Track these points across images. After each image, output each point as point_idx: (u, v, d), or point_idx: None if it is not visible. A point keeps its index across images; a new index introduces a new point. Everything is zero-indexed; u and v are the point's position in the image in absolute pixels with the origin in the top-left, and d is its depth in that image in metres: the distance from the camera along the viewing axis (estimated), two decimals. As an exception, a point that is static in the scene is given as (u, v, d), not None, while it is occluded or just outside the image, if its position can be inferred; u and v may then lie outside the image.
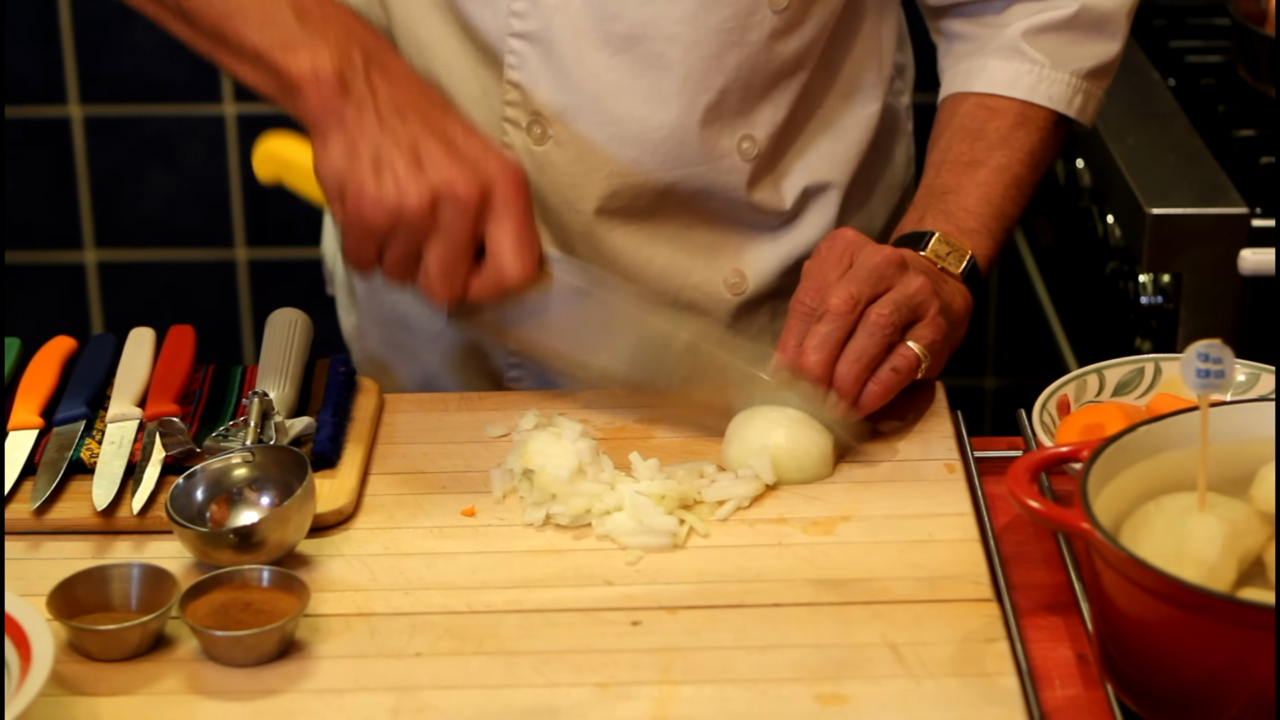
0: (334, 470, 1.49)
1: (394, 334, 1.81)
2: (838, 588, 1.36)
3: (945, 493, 1.46)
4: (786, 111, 1.69)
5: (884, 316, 1.48)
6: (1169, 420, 1.32)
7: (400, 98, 1.46)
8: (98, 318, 3.21)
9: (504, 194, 1.44)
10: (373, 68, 1.46)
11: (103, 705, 1.26)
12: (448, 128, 1.45)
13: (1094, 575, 1.24)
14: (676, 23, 1.62)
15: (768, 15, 1.64)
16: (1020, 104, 1.68)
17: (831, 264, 1.52)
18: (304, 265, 3.19)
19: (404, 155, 1.43)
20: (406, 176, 1.43)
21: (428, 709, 1.25)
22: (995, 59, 1.70)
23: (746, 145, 1.68)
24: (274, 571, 1.33)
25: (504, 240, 1.45)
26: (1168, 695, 1.22)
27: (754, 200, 1.70)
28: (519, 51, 1.64)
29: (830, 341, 1.48)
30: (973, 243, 1.61)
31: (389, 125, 1.44)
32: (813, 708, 1.25)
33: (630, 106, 1.64)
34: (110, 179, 3.12)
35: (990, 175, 1.65)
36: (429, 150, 1.44)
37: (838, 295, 1.48)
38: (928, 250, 1.59)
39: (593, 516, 1.43)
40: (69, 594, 1.32)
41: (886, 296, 1.49)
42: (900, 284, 1.50)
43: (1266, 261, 2.03)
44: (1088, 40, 1.70)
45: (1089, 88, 1.71)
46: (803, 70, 1.69)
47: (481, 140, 1.47)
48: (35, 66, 3.06)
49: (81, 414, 1.54)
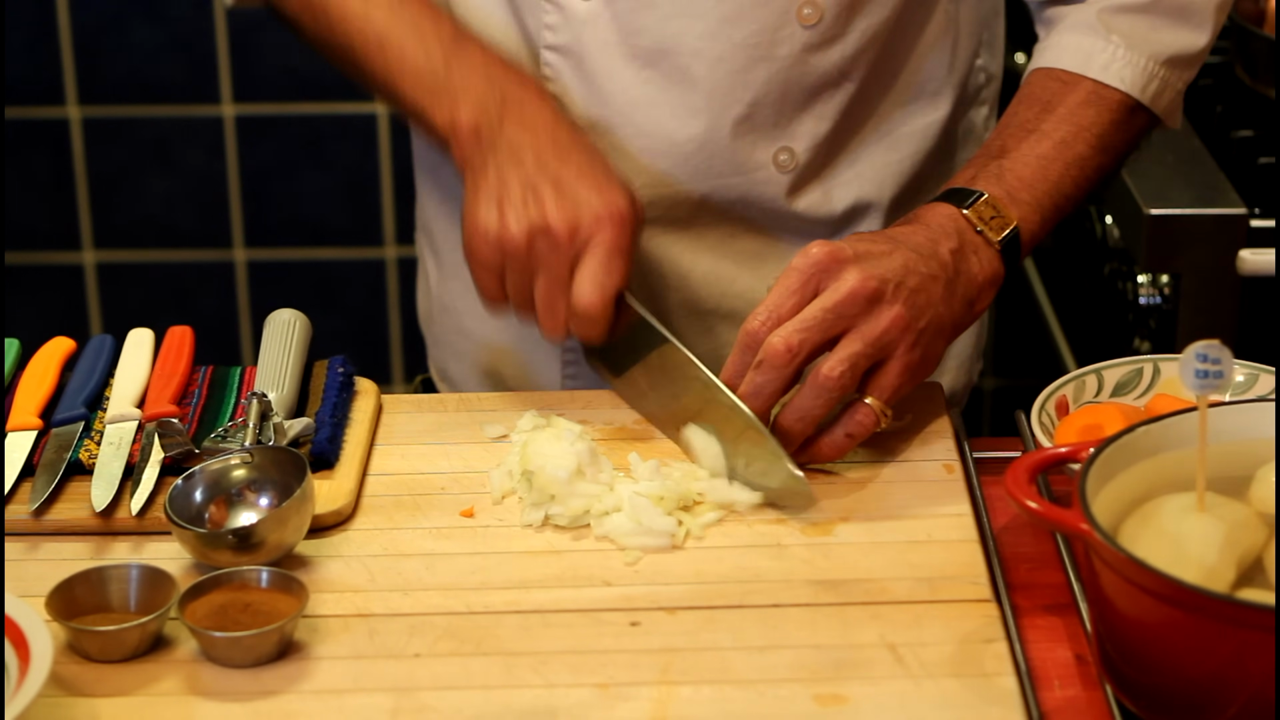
0: (332, 471, 1.49)
1: (459, 320, 1.83)
2: (836, 588, 1.36)
3: (944, 493, 1.46)
4: (832, 122, 1.67)
5: (832, 379, 1.43)
6: (1168, 421, 1.32)
7: (526, 142, 1.54)
8: (96, 319, 3.21)
9: (597, 231, 1.50)
10: (508, 115, 1.55)
11: (101, 706, 1.26)
12: (563, 168, 1.52)
13: (1093, 576, 1.24)
14: (700, 38, 1.62)
15: (797, 29, 1.63)
16: (1092, 82, 1.63)
17: (792, 290, 1.45)
18: (302, 266, 3.19)
19: (516, 195, 1.51)
20: (510, 214, 1.51)
21: (427, 710, 1.25)
22: (1071, 34, 1.65)
23: (784, 158, 1.67)
24: (273, 572, 1.33)
25: (582, 272, 1.50)
26: (1167, 696, 1.22)
27: (797, 210, 1.69)
28: (553, 64, 1.66)
29: (765, 392, 1.45)
30: (1019, 213, 1.56)
31: (509, 169, 1.53)
32: (811, 708, 1.25)
33: (659, 120, 1.65)
34: (109, 180, 3.12)
35: (1051, 149, 1.60)
36: (538, 190, 1.51)
37: (778, 339, 1.43)
38: (971, 210, 1.54)
39: (591, 517, 1.43)
40: (68, 595, 1.32)
41: (841, 347, 1.44)
42: (866, 323, 1.45)
43: (1265, 262, 2.03)
44: (1169, 26, 1.65)
45: (1167, 76, 1.65)
46: (849, 81, 1.67)
47: (597, 179, 1.52)
48: (34, 67, 3.06)
49: (80, 415, 1.54)
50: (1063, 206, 1.60)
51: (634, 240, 1.52)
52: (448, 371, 1.85)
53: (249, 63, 3.07)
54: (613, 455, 1.48)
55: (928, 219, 1.53)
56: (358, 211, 3.15)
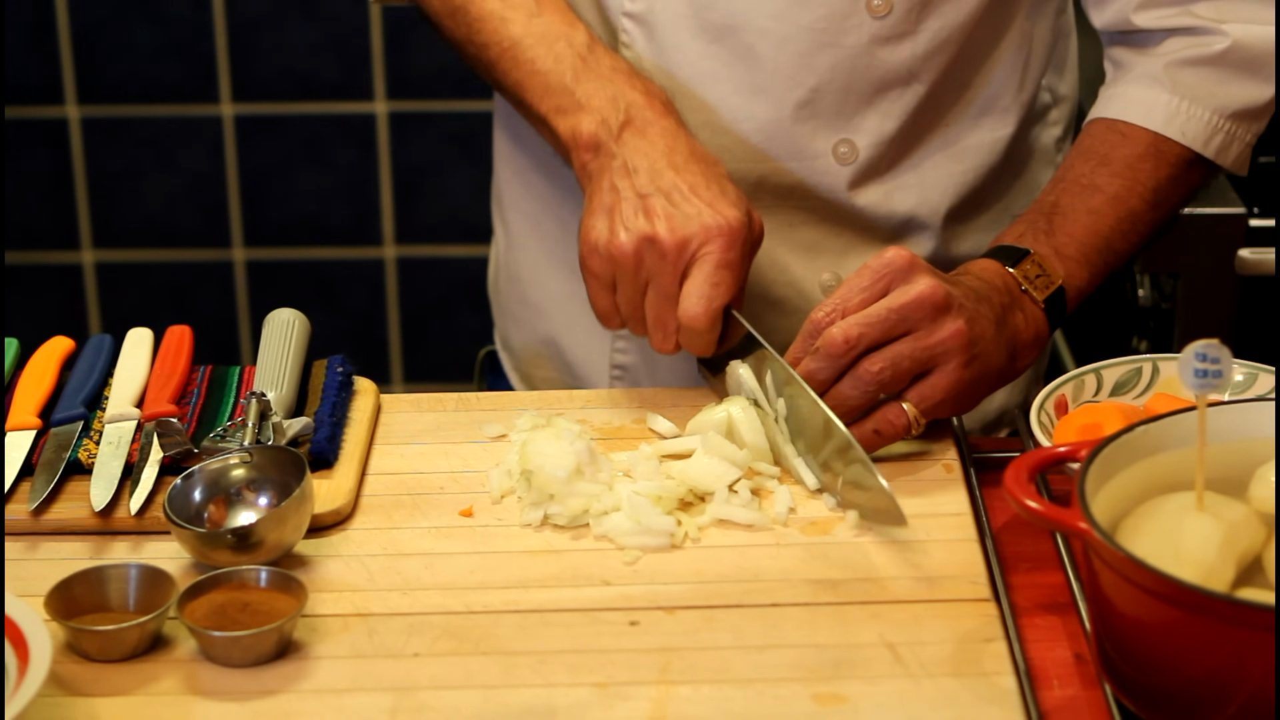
0: (332, 471, 1.49)
1: (524, 290, 1.84)
2: (835, 588, 1.36)
3: (943, 493, 1.46)
4: (898, 123, 1.67)
5: (871, 373, 1.45)
6: (1167, 420, 1.32)
7: (643, 155, 1.55)
8: (95, 318, 3.21)
9: (706, 245, 1.50)
10: (628, 129, 1.56)
11: (101, 706, 1.26)
12: (677, 181, 1.53)
13: (1092, 575, 1.24)
14: (768, 17, 1.63)
15: (865, 19, 1.63)
16: (1152, 135, 1.63)
17: (861, 287, 1.47)
18: (301, 266, 3.19)
19: (627, 207, 1.52)
20: (620, 227, 1.52)
21: (426, 709, 1.25)
22: (1136, 86, 1.65)
23: (844, 150, 1.67)
24: (272, 572, 1.33)
25: (689, 285, 1.51)
26: (1166, 695, 1.22)
27: (857, 205, 1.69)
28: (630, 31, 1.68)
29: (815, 379, 1.46)
30: (1066, 269, 1.56)
31: (623, 182, 1.54)
32: (811, 708, 1.25)
33: (721, 95, 1.66)
34: (108, 180, 3.12)
35: (1104, 204, 1.60)
36: (649, 202, 1.52)
37: (837, 331, 1.46)
38: (1017, 269, 1.54)
39: (590, 517, 1.43)
40: (67, 594, 1.32)
41: (892, 347, 1.45)
42: (923, 331, 1.46)
43: (1264, 261, 2.03)
44: (1237, 80, 1.64)
45: (1233, 129, 1.64)
46: (918, 83, 1.66)
47: (711, 193, 1.52)
48: (33, 67, 3.06)
49: (79, 414, 1.54)
50: (1112, 262, 1.60)
51: (745, 256, 1.52)
52: (510, 340, 1.87)
53: (248, 63, 3.07)
54: (612, 455, 1.48)
55: (976, 272, 1.54)
56: (357, 211, 3.15)
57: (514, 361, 1.87)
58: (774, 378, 1.49)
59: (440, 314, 3.22)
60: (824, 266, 1.72)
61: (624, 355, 1.77)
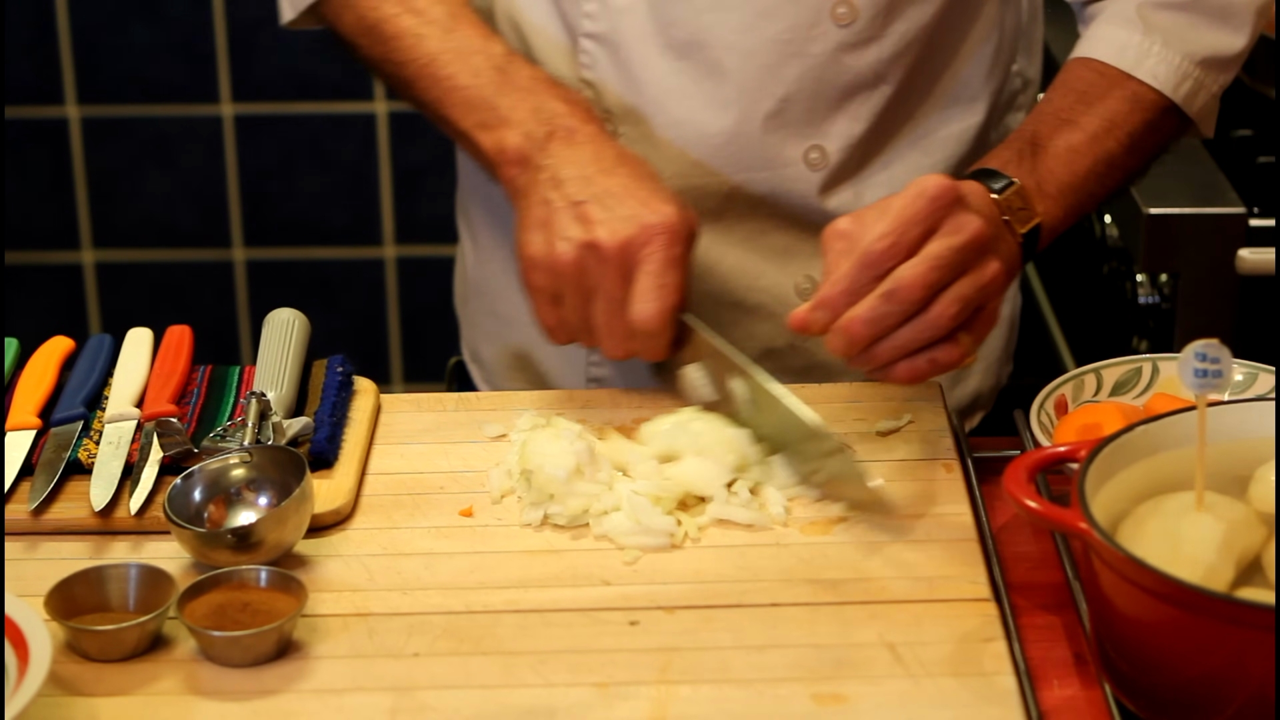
0: (331, 470, 1.49)
1: (493, 302, 1.83)
2: (835, 588, 1.36)
3: (943, 492, 1.46)
4: (866, 124, 1.67)
5: (947, 316, 1.41)
6: (1166, 420, 1.32)
7: (570, 164, 1.54)
8: (95, 318, 3.21)
9: (648, 245, 1.49)
10: (553, 139, 1.55)
11: (100, 705, 1.26)
12: (609, 185, 1.52)
13: (1092, 575, 1.24)
14: (733, 31, 1.63)
15: (831, 28, 1.63)
16: (1127, 77, 1.61)
17: (918, 219, 1.41)
18: (301, 265, 3.19)
19: (563, 218, 1.51)
20: (558, 238, 1.50)
21: (425, 709, 1.25)
22: (1109, 25, 1.63)
23: (815, 156, 1.67)
24: (272, 572, 1.33)
25: (637, 287, 1.49)
26: (1165, 695, 1.22)
27: (828, 208, 1.69)
28: (590, 52, 1.68)
29: (888, 323, 1.40)
30: (1044, 208, 1.54)
31: (553, 193, 1.52)
32: (810, 708, 1.24)
33: (691, 110, 1.66)
34: (108, 179, 3.13)
35: (1083, 142, 1.58)
36: (583, 209, 1.51)
37: (914, 275, 1.39)
38: (1001, 197, 1.51)
39: (590, 517, 1.43)
40: (67, 594, 1.32)
41: (957, 289, 1.41)
42: (977, 270, 1.43)
43: (1264, 261, 2.03)
44: (1208, 26, 1.63)
45: (1201, 77, 1.62)
46: (885, 83, 1.66)
47: (644, 193, 1.51)
48: (32, 67, 3.06)
49: (79, 414, 1.54)
50: (1085, 204, 1.59)
51: (687, 252, 1.51)
52: (479, 354, 1.86)
53: (248, 63, 3.07)
54: (611, 454, 1.48)
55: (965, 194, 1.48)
56: (357, 211, 3.15)
57: (484, 374, 1.86)
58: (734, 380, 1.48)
59: (440, 314, 3.21)
60: (797, 270, 1.72)
61: (599, 368, 1.76)
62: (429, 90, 1.62)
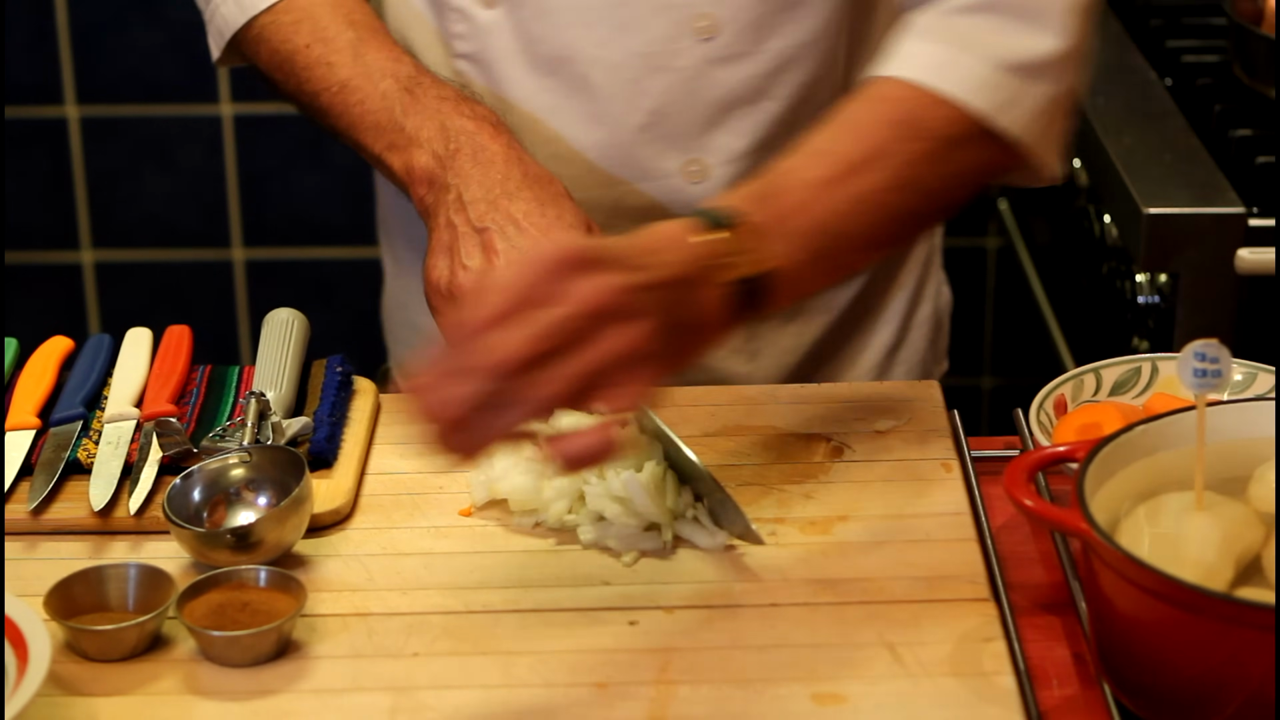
0: (331, 470, 1.49)
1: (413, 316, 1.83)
2: (835, 587, 1.36)
3: (942, 492, 1.46)
4: (750, 140, 1.66)
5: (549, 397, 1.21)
6: (1166, 420, 1.32)
7: (477, 186, 1.52)
8: (95, 318, 3.21)
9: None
10: (459, 157, 1.54)
11: (100, 705, 1.26)
12: (512, 211, 1.50)
13: (1091, 575, 1.24)
14: (596, 45, 1.63)
15: (693, 44, 1.62)
16: (915, 92, 1.43)
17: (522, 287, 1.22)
18: (301, 265, 3.19)
19: (466, 245, 1.50)
20: (459, 266, 1.49)
21: (425, 709, 1.25)
22: (906, 41, 1.46)
23: (694, 169, 1.67)
24: (271, 571, 1.33)
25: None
26: (1165, 694, 1.22)
27: None
28: (464, 72, 1.68)
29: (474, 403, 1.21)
30: (782, 250, 1.34)
31: (458, 217, 1.51)
32: (810, 707, 1.24)
33: (563, 125, 1.66)
34: (107, 179, 3.12)
35: (832, 177, 1.39)
36: (488, 238, 1.49)
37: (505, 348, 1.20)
38: (703, 241, 1.30)
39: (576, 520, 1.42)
40: (66, 594, 1.32)
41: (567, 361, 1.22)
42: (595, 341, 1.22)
43: (1264, 261, 2.03)
44: (1016, 30, 1.45)
45: (1017, 88, 1.44)
46: (768, 100, 1.65)
47: (549, 219, 1.50)
48: (32, 67, 3.06)
49: (78, 414, 1.54)
50: (841, 247, 1.40)
51: None
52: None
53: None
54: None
55: (656, 242, 1.30)
56: (356, 211, 3.15)
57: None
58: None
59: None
60: None
61: None
62: (342, 117, 1.61)
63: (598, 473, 1.43)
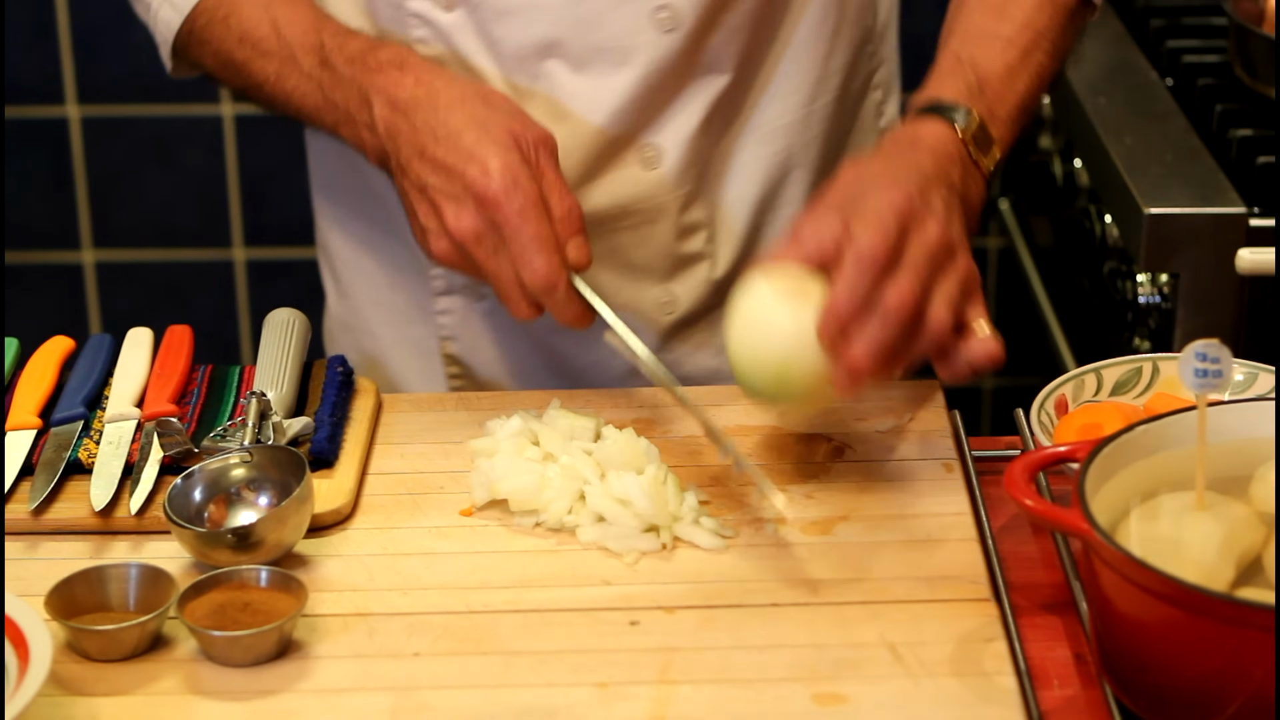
0: (332, 470, 1.49)
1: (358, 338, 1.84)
2: (836, 587, 1.36)
3: (943, 493, 1.46)
4: (700, 116, 1.66)
5: (944, 322, 1.38)
6: (1167, 420, 1.32)
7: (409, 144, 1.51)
8: (95, 318, 3.21)
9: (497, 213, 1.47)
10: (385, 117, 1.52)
11: (101, 705, 1.26)
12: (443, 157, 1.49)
13: (1092, 575, 1.24)
14: (556, 43, 1.63)
15: (656, 35, 1.62)
16: None
17: (884, 227, 1.36)
18: (301, 265, 3.19)
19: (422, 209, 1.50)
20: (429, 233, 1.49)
21: (426, 709, 1.25)
22: None
23: (650, 154, 1.67)
24: (272, 571, 1.33)
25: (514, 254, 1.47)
26: (1166, 695, 1.22)
27: (679, 214, 1.69)
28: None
29: (886, 349, 1.35)
30: (999, 134, 1.50)
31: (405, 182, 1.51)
32: (811, 707, 1.25)
33: None
34: (108, 179, 3.12)
35: (1017, 59, 1.54)
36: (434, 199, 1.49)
37: (900, 290, 1.35)
38: (966, 134, 1.47)
39: (576, 520, 1.42)
40: (67, 594, 1.32)
41: (943, 290, 1.38)
42: (951, 268, 1.39)
43: (1265, 261, 2.03)
44: None
45: None
46: (716, 74, 1.66)
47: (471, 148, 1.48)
48: (33, 67, 3.06)
49: (79, 414, 1.54)
50: (1023, 121, 1.55)
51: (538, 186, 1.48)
52: None
53: (248, 62, 3.06)
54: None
55: (930, 142, 1.46)
56: (357, 211, 3.15)
57: None
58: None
59: (440, 314, 3.21)
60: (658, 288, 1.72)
61: (460, 383, 1.77)
62: (289, 104, 1.61)
63: (599, 474, 1.43)
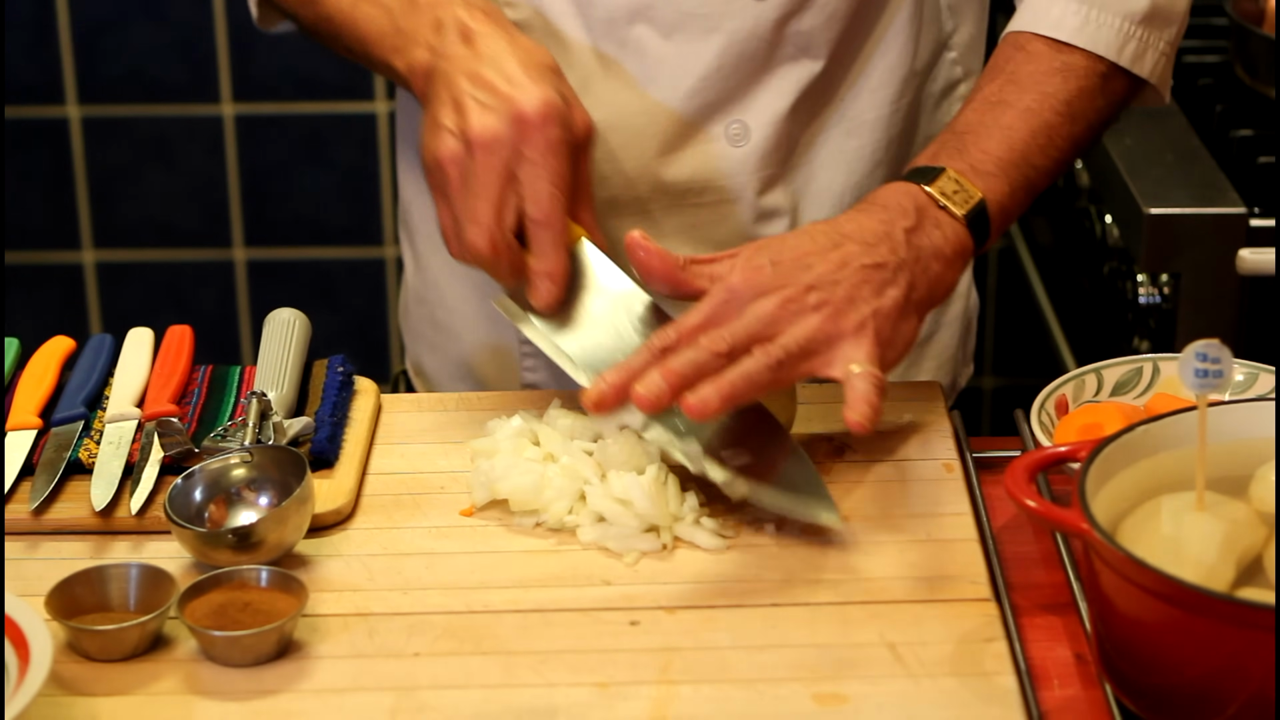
0: (332, 470, 1.49)
1: (432, 310, 1.83)
2: (836, 587, 1.36)
3: (944, 493, 1.46)
4: (790, 100, 1.67)
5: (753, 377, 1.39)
6: (1167, 420, 1.32)
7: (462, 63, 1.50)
8: (96, 318, 3.21)
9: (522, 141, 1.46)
10: (449, 42, 1.52)
11: (101, 705, 1.26)
12: (484, 73, 1.48)
13: (1092, 575, 1.24)
14: (650, 7, 1.63)
15: (749, 3, 1.63)
16: (1058, 48, 1.58)
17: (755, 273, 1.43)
18: (302, 265, 3.19)
19: (443, 110, 1.49)
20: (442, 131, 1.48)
21: (426, 709, 1.25)
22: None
23: (736, 130, 1.67)
24: (272, 571, 1.33)
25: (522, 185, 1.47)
26: (1166, 695, 1.22)
27: (758, 197, 1.69)
28: None
29: (685, 379, 1.38)
30: (985, 185, 1.52)
31: (444, 91, 1.50)
32: (811, 707, 1.24)
33: (614, 90, 1.66)
34: (108, 179, 3.12)
35: (1016, 118, 1.56)
36: (461, 101, 1.48)
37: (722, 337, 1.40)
38: (933, 187, 1.50)
39: (576, 520, 1.42)
40: (67, 594, 1.32)
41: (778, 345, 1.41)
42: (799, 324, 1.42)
43: (1265, 261, 2.03)
44: None
45: (1145, 36, 1.59)
46: (809, 59, 1.66)
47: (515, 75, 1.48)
48: (33, 67, 3.06)
49: (80, 414, 1.54)
50: (1032, 177, 1.56)
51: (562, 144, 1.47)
52: (422, 366, 1.86)
53: (249, 62, 3.07)
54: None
55: (885, 200, 1.51)
56: (357, 211, 3.15)
57: (427, 386, 1.86)
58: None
59: (440, 314, 3.21)
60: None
61: (533, 374, 1.76)
62: (352, 35, 1.61)
63: (599, 474, 1.43)
